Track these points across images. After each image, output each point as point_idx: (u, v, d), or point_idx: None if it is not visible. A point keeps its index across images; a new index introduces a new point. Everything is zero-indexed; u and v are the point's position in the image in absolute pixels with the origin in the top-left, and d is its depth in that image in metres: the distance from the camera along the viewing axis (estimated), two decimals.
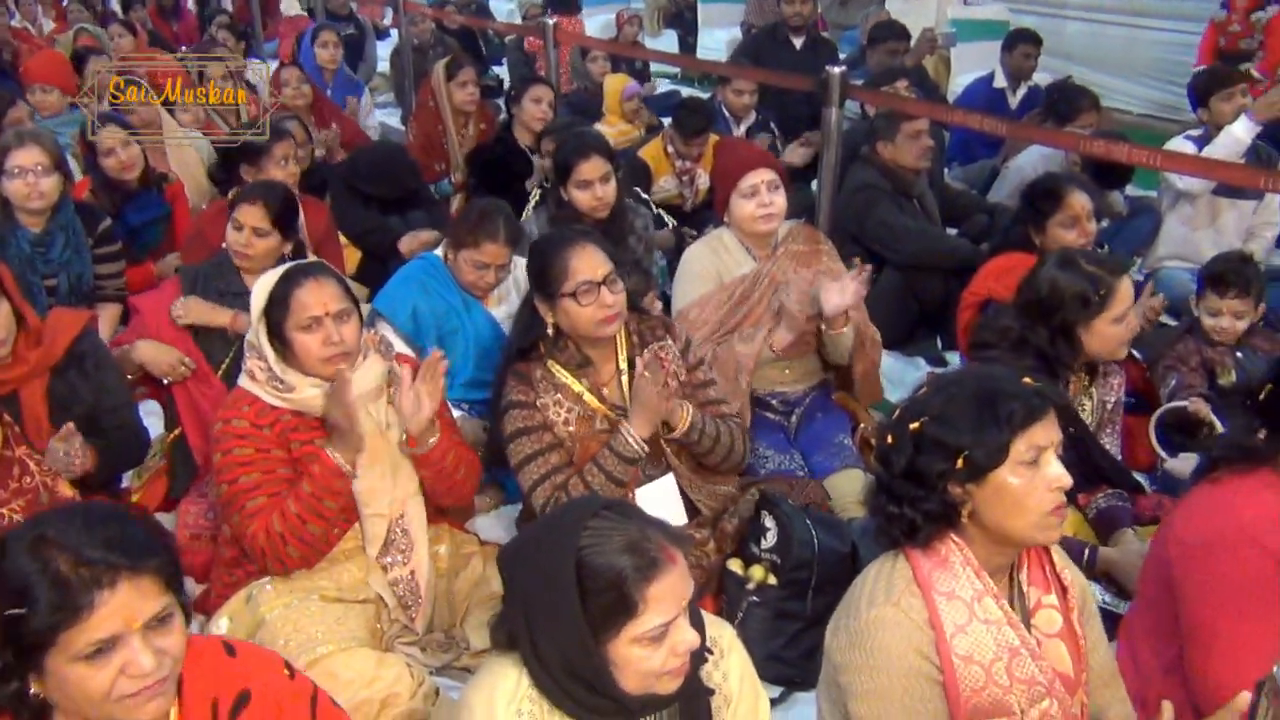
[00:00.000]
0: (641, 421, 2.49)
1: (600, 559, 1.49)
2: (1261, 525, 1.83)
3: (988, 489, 1.63)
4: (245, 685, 1.54)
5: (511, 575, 1.59)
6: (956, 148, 6.06)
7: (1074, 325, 2.59)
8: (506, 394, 2.57)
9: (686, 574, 1.54)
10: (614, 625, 1.49)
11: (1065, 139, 4.02)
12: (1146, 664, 1.96)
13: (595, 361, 2.60)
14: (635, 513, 1.60)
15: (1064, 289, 2.59)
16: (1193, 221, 4.44)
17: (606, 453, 2.48)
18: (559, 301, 2.53)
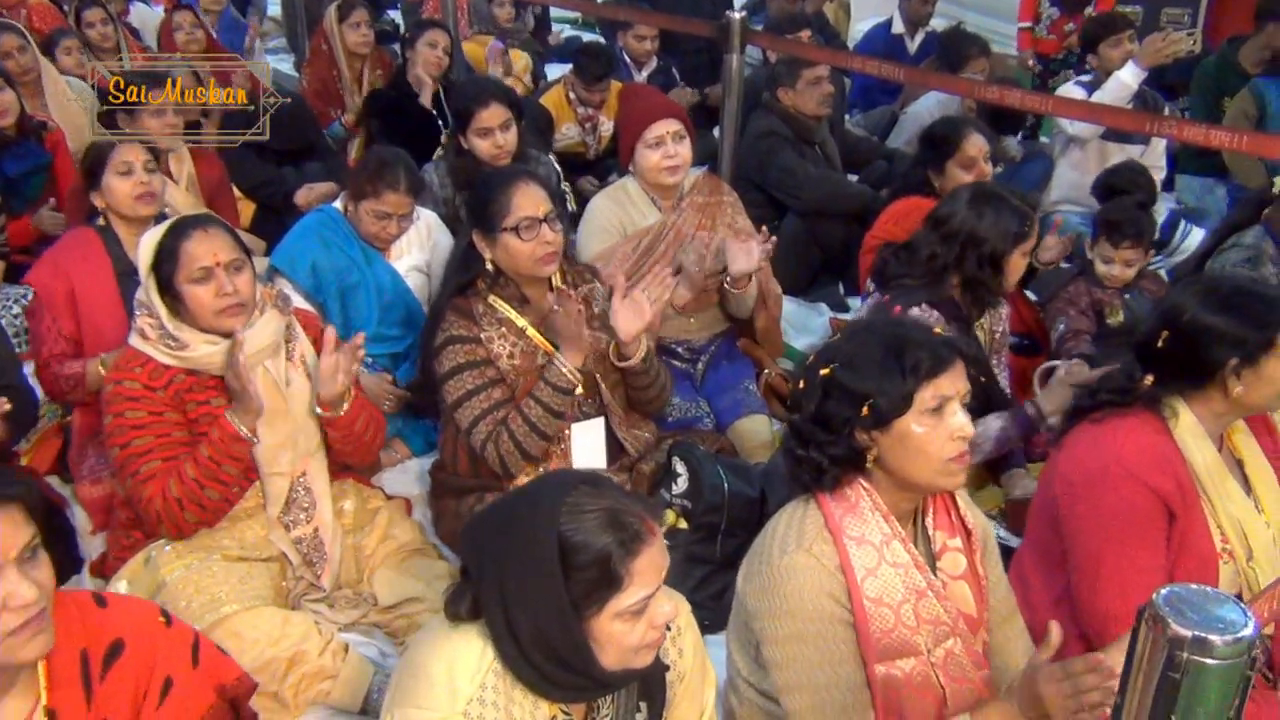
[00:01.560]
0: (570, 351, 2.51)
1: (583, 535, 1.46)
2: (1142, 461, 1.90)
3: (892, 436, 1.66)
4: (118, 634, 1.49)
5: (482, 549, 1.54)
6: (857, 94, 6.11)
7: (1002, 257, 2.66)
8: (446, 329, 2.54)
9: (664, 545, 1.53)
10: (598, 601, 1.46)
11: (961, 85, 4.07)
12: (1037, 597, 2.03)
13: (531, 299, 2.61)
14: (609, 485, 1.57)
15: (997, 223, 2.65)
16: (1083, 166, 4.55)
17: (542, 384, 2.50)
18: (500, 237, 2.53)
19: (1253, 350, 1.88)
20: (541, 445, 2.50)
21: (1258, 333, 1.88)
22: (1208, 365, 1.92)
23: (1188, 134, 3.05)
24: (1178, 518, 1.90)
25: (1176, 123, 3.24)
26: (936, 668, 1.69)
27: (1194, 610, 0.97)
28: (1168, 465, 1.91)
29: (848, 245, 3.91)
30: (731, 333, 3.31)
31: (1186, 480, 1.92)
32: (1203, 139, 2.90)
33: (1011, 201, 2.67)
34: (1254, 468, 2.03)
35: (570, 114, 5.05)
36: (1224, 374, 1.91)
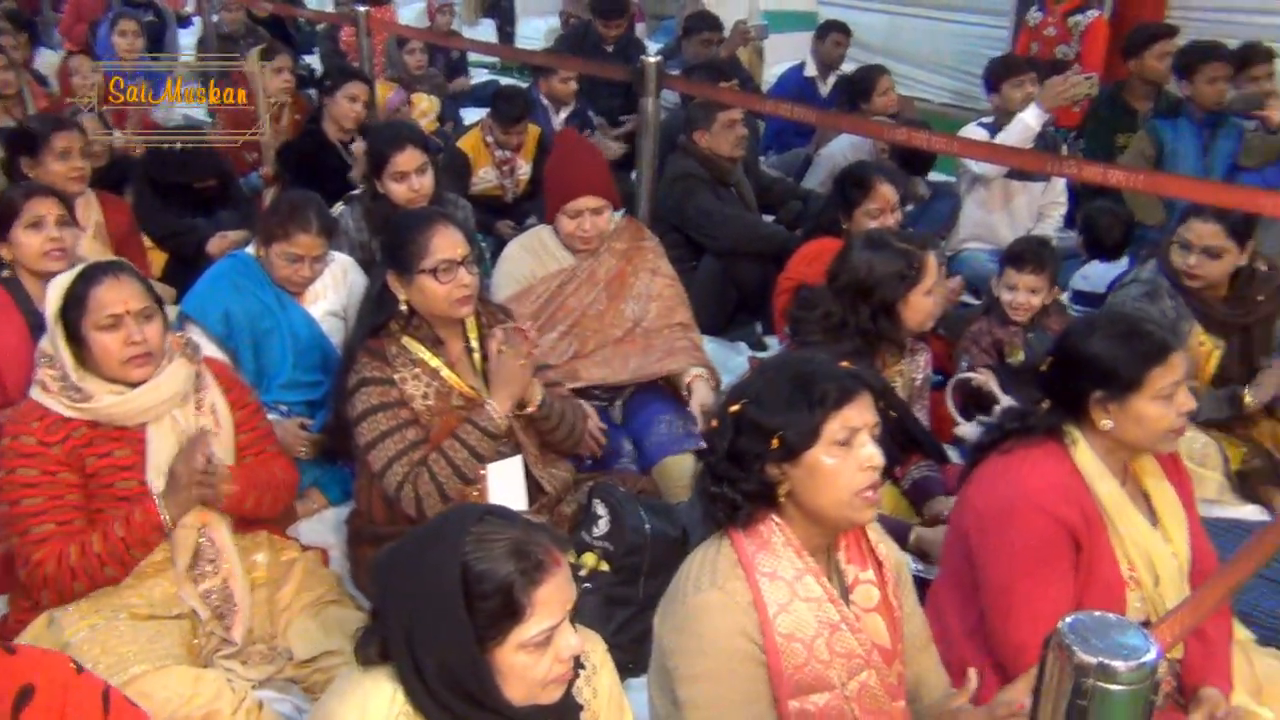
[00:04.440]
0: (504, 395, 2.51)
1: (486, 564, 1.45)
2: (1048, 493, 1.95)
3: (802, 469, 1.68)
4: (28, 680, 1.44)
5: (388, 586, 1.52)
6: (771, 136, 6.23)
7: (894, 302, 2.71)
8: (358, 371, 2.51)
9: (570, 577, 1.52)
10: (501, 632, 1.45)
11: (871, 128, 4.18)
12: (952, 628, 2.06)
13: (445, 340, 2.60)
14: (517, 517, 1.57)
15: (880, 268, 2.70)
16: (988, 204, 4.68)
17: (469, 427, 2.48)
18: (416, 278, 2.51)
19: (1120, 387, 1.94)
20: (460, 488, 2.48)
21: (1129, 370, 1.94)
22: (1077, 395, 1.97)
23: (1087, 173, 3.15)
24: (1084, 547, 1.94)
25: (1076, 162, 3.34)
26: (851, 701, 1.70)
27: (1098, 637, 1.00)
28: (1073, 496, 1.95)
29: (764, 285, 3.96)
30: None
31: (1092, 510, 1.96)
32: (1101, 178, 3.00)
33: (895, 245, 2.73)
34: (1160, 499, 2.08)
35: (488, 157, 5.06)
36: (1090, 406, 1.96)
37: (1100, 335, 2.00)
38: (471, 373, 2.61)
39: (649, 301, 3.25)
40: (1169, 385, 1.94)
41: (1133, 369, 1.94)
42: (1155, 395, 1.94)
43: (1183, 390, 1.97)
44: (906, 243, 2.76)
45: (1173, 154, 4.77)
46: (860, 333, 2.73)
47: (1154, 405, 1.94)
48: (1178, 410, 1.96)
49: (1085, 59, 6.26)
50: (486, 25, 10.28)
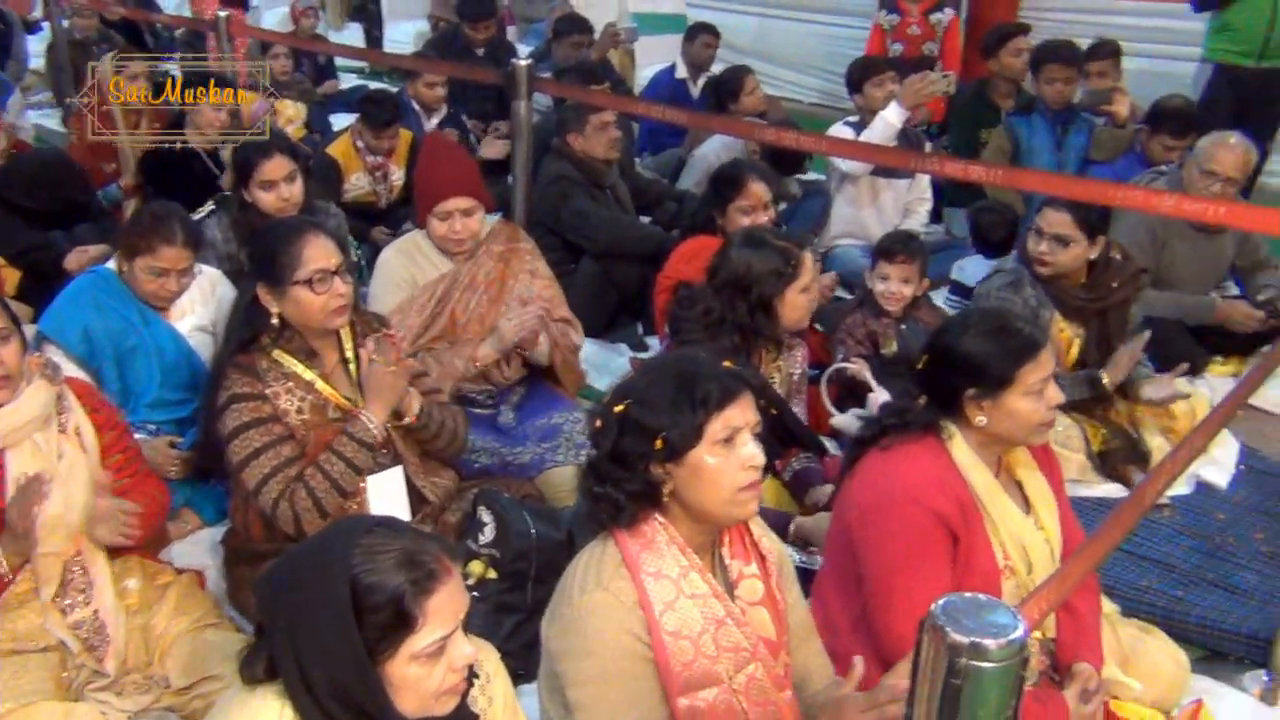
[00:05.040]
0: (378, 405, 2.46)
1: (375, 576, 1.42)
2: (924, 486, 2.00)
3: (685, 468, 1.69)
4: None
5: (274, 601, 1.48)
6: (645, 138, 6.27)
7: (771, 299, 2.76)
8: (228, 388, 2.44)
9: (462, 586, 1.50)
10: (392, 644, 1.43)
11: (741, 128, 4.24)
12: (836, 619, 2.10)
13: (319, 352, 2.54)
14: (407, 527, 1.55)
15: (758, 265, 2.75)
16: (857, 201, 4.80)
17: (345, 439, 2.43)
18: (290, 290, 2.45)
19: (993, 384, 2.01)
20: (339, 502, 2.43)
21: (1000, 368, 2.01)
22: (952, 393, 2.04)
23: (949, 169, 3.26)
24: (961, 539, 2.00)
25: (938, 159, 3.46)
26: (739, 694, 1.72)
27: (969, 618, 1.03)
28: (949, 489, 2.01)
29: (644, 286, 3.98)
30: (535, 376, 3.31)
31: (968, 502, 2.02)
32: (962, 173, 3.10)
33: (773, 242, 2.79)
34: (1032, 488, 2.16)
35: (359, 163, 4.97)
36: (964, 403, 2.03)
37: (972, 334, 2.05)
38: (347, 384, 2.57)
39: (529, 303, 3.24)
40: (1039, 381, 2.01)
41: (1004, 367, 2.01)
42: (1026, 391, 2.01)
43: (1052, 385, 2.04)
44: (784, 241, 2.82)
45: (1029, 149, 4.97)
46: (738, 329, 2.78)
47: (1025, 401, 2.01)
48: (1048, 404, 2.03)
49: (944, 57, 6.49)
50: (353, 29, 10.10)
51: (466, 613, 1.51)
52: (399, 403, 2.52)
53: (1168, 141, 4.56)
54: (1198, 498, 3.32)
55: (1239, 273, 4.26)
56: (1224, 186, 3.86)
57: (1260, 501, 3.30)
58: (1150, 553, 3.01)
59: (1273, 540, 3.06)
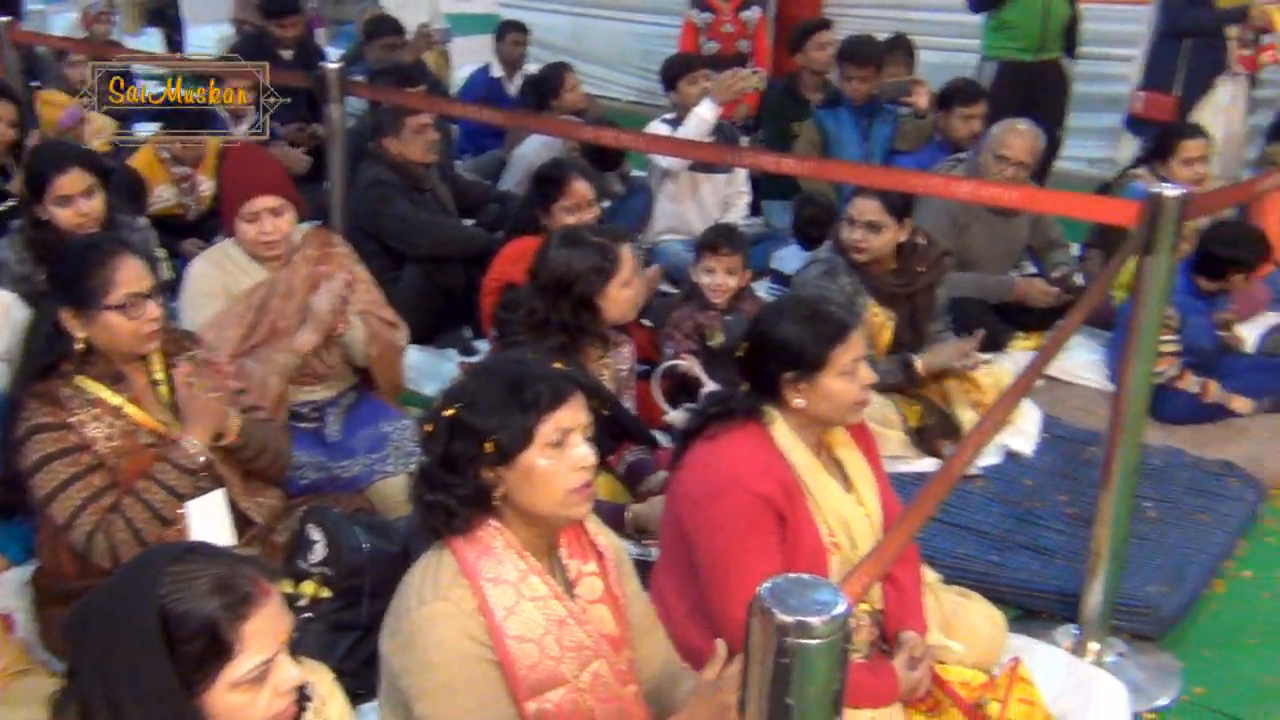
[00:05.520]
0: (198, 429, 2.36)
1: (186, 604, 1.36)
2: (750, 471, 2.05)
3: (517, 471, 1.69)
4: None
5: (81, 641, 1.40)
6: (465, 140, 6.21)
7: (592, 296, 2.77)
8: (27, 419, 2.28)
9: (283, 607, 1.45)
10: (209, 673, 1.36)
11: (560, 127, 4.25)
12: (674, 609, 2.14)
13: (127, 376, 2.41)
14: (221, 551, 1.48)
15: (577, 263, 2.76)
16: (678, 197, 4.89)
17: (165, 466, 2.32)
18: (99, 314, 2.32)
19: (807, 367, 2.09)
20: (159, 530, 2.33)
21: (813, 350, 2.09)
22: (771, 377, 2.11)
23: (763, 162, 3.36)
24: (788, 520, 2.06)
25: (753, 153, 3.56)
26: (585, 692, 1.73)
27: (794, 598, 1.07)
28: (773, 471, 2.07)
29: (469, 289, 3.95)
30: (362, 385, 3.24)
31: (791, 482, 2.09)
32: (775, 166, 3.20)
33: (590, 240, 2.81)
34: (852, 466, 2.24)
35: (164, 174, 4.74)
36: (782, 387, 2.11)
37: (787, 319, 2.13)
38: (159, 407, 2.45)
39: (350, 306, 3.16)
40: (850, 362, 2.10)
41: (817, 349, 2.09)
42: (839, 372, 2.09)
43: (863, 366, 2.14)
44: (600, 237, 2.84)
45: (837, 141, 5.15)
46: (563, 329, 2.79)
47: (839, 381, 2.10)
48: (861, 384, 2.12)
49: (755, 54, 6.66)
50: (151, 34, 9.62)
51: (292, 634, 1.47)
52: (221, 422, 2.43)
53: (963, 112, 4.82)
54: (1006, 466, 3.51)
55: (1034, 253, 4.53)
56: (1016, 171, 4.10)
57: (1062, 466, 3.53)
58: (965, 521, 3.17)
59: (1076, 501, 3.26)
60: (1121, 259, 2.43)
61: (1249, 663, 2.74)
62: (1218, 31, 5.21)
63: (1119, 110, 5.94)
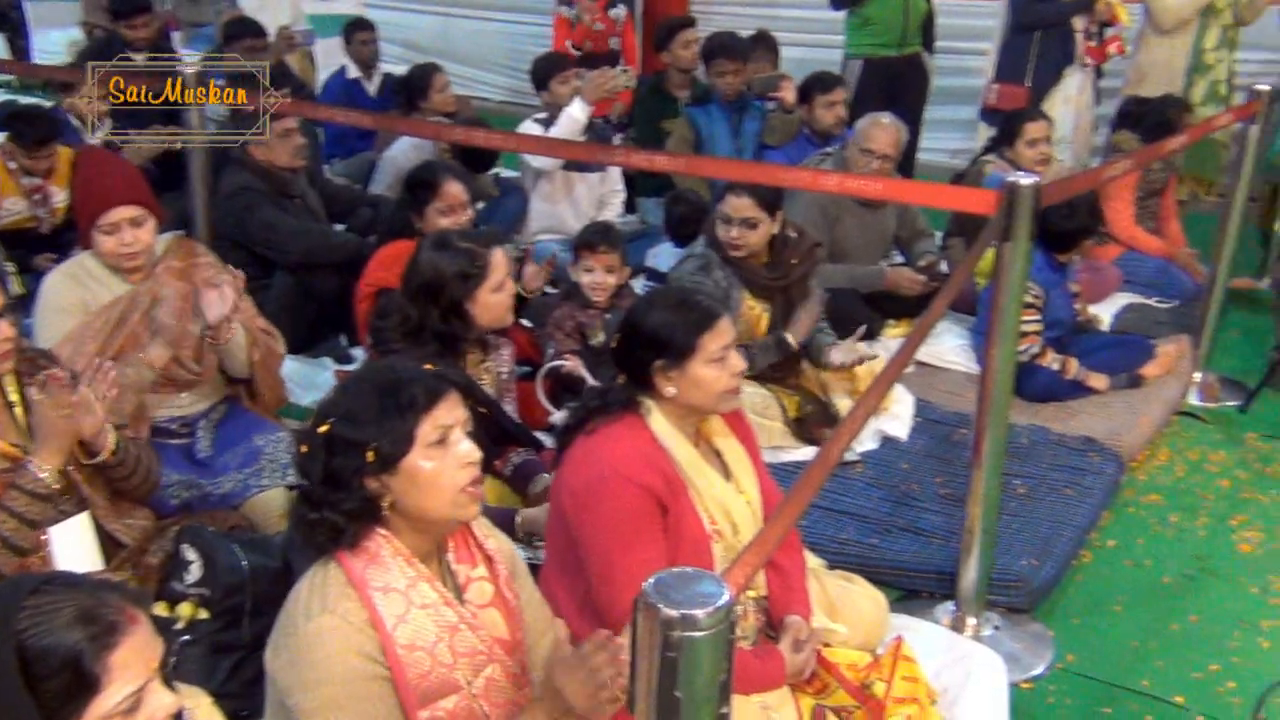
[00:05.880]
0: (50, 451, 2.24)
1: (46, 639, 1.29)
2: (631, 463, 2.07)
3: (402, 477, 1.67)
4: None
5: None
6: (333, 143, 6.08)
7: (461, 300, 2.75)
8: None
9: (153, 634, 1.38)
10: (76, 708, 1.29)
11: (429, 128, 4.20)
12: (564, 607, 2.13)
13: None
14: (83, 579, 1.41)
15: (445, 268, 2.74)
16: (553, 197, 4.88)
17: (14, 493, 2.20)
18: None
19: (676, 354, 2.11)
20: (18, 561, 2.22)
21: (682, 338, 2.12)
22: (643, 367, 2.14)
23: (635, 160, 3.37)
24: (670, 510, 2.08)
25: (625, 151, 3.57)
26: (479, 698, 1.72)
27: (678, 591, 1.08)
28: (653, 462, 2.09)
29: (343, 296, 3.87)
30: (232, 398, 3.15)
31: (672, 473, 2.10)
32: (647, 164, 3.22)
33: (459, 245, 2.80)
34: (730, 455, 2.27)
35: (13, 186, 4.53)
36: (655, 376, 2.13)
37: (656, 309, 2.17)
38: (15, 430, 2.33)
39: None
40: (719, 349, 2.13)
41: (685, 336, 2.12)
42: (708, 359, 2.12)
43: (733, 353, 2.17)
44: (470, 242, 2.81)
45: (709, 138, 5.21)
46: (437, 334, 2.76)
47: (709, 369, 2.13)
48: (731, 371, 2.15)
49: (624, 52, 6.69)
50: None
51: (166, 660, 1.42)
52: (96, 440, 2.33)
53: (823, 100, 4.95)
54: (883, 451, 3.61)
55: (901, 243, 4.66)
56: (881, 163, 4.21)
57: (936, 448, 3.64)
58: (846, 507, 3.25)
59: (950, 482, 3.37)
60: (982, 246, 2.52)
61: (1115, 628, 2.87)
62: (1065, 24, 5.43)
63: (975, 102, 6.15)
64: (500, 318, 2.86)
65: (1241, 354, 4.58)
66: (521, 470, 2.98)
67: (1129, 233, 4.86)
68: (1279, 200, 5.15)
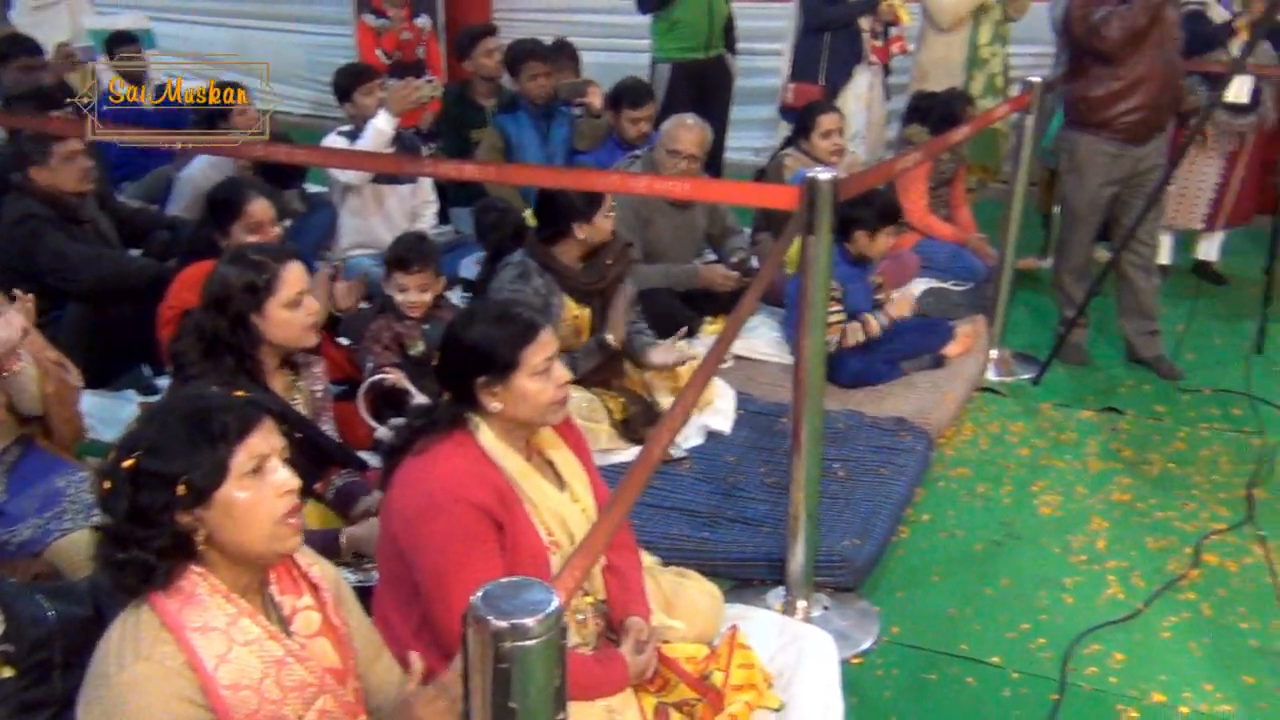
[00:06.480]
0: None
1: None
2: (461, 481, 2.04)
3: (217, 509, 1.60)
4: None
5: None
6: (119, 165, 5.76)
7: (247, 314, 2.67)
8: None
9: None
10: None
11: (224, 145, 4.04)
12: (399, 631, 2.09)
13: None
14: None
15: (233, 281, 2.67)
16: (363, 211, 4.78)
17: None
18: None
19: (500, 369, 2.11)
20: None
21: (504, 352, 2.11)
22: (467, 382, 2.12)
23: (443, 170, 3.34)
24: (505, 525, 2.06)
25: (433, 161, 3.53)
26: None
27: (507, 601, 1.08)
28: (484, 478, 2.07)
29: (142, 324, 3.68)
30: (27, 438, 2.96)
31: (504, 487, 2.09)
32: (456, 174, 3.20)
33: (250, 258, 2.73)
34: (563, 464, 2.28)
35: None
36: (479, 392, 2.12)
37: (476, 324, 2.15)
38: None
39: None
40: (543, 361, 2.13)
41: (507, 351, 2.11)
42: (532, 372, 2.12)
43: (557, 364, 2.17)
44: (263, 254, 2.74)
45: (518, 145, 5.21)
46: (230, 349, 2.68)
47: (533, 381, 2.12)
48: (555, 383, 2.16)
49: (429, 61, 6.62)
50: None
51: None
52: None
53: (631, 115, 5.02)
54: (709, 446, 3.69)
55: (713, 241, 4.77)
56: (688, 164, 4.30)
57: (758, 439, 3.74)
58: (676, 503, 3.31)
59: (774, 471, 3.47)
60: (787, 240, 2.60)
61: (934, 598, 3.02)
62: (853, 25, 5.66)
63: (774, 102, 6.35)
64: (297, 336, 2.77)
65: (1031, 330, 4.89)
66: (345, 493, 2.90)
67: (924, 221, 5.11)
68: (1056, 184, 5.52)
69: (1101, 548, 3.23)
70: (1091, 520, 3.38)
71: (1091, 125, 4.22)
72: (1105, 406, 4.16)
